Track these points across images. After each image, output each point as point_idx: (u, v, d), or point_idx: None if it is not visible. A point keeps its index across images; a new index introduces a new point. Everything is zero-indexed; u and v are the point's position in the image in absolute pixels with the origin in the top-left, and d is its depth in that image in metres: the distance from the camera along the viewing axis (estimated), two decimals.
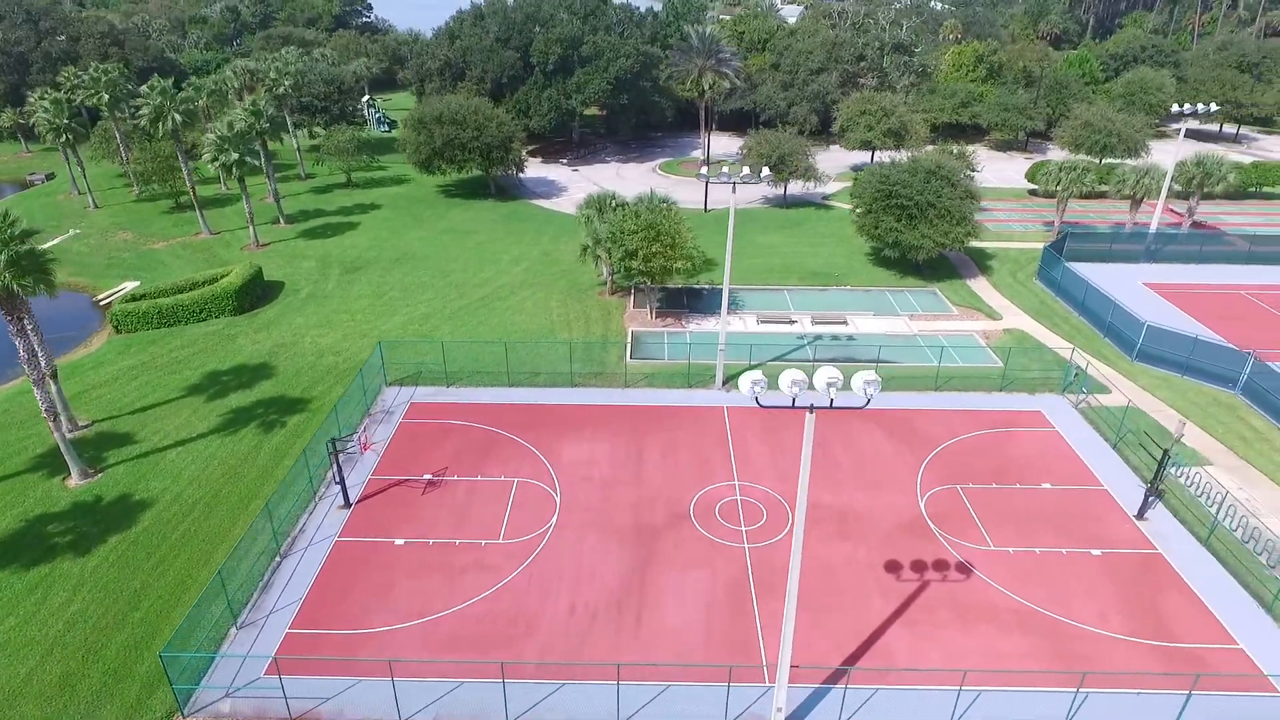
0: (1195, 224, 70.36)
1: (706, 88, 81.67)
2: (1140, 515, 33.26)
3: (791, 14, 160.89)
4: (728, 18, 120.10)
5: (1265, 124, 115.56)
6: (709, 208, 73.48)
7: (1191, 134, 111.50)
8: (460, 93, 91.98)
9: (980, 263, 60.94)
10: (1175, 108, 59.67)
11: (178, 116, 60.16)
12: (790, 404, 19.24)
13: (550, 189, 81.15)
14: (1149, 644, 27.12)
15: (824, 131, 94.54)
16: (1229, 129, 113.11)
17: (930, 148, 74.77)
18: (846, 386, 19.40)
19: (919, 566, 30.51)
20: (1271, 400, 40.40)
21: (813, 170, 70.67)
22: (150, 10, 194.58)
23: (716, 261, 60.81)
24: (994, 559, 30.92)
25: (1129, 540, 31.96)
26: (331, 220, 69.12)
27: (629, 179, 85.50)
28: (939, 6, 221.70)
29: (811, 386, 19.17)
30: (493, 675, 25.18)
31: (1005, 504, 34.05)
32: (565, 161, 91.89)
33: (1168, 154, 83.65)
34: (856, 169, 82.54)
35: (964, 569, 30.40)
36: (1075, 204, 74.52)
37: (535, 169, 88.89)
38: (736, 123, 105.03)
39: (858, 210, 57.52)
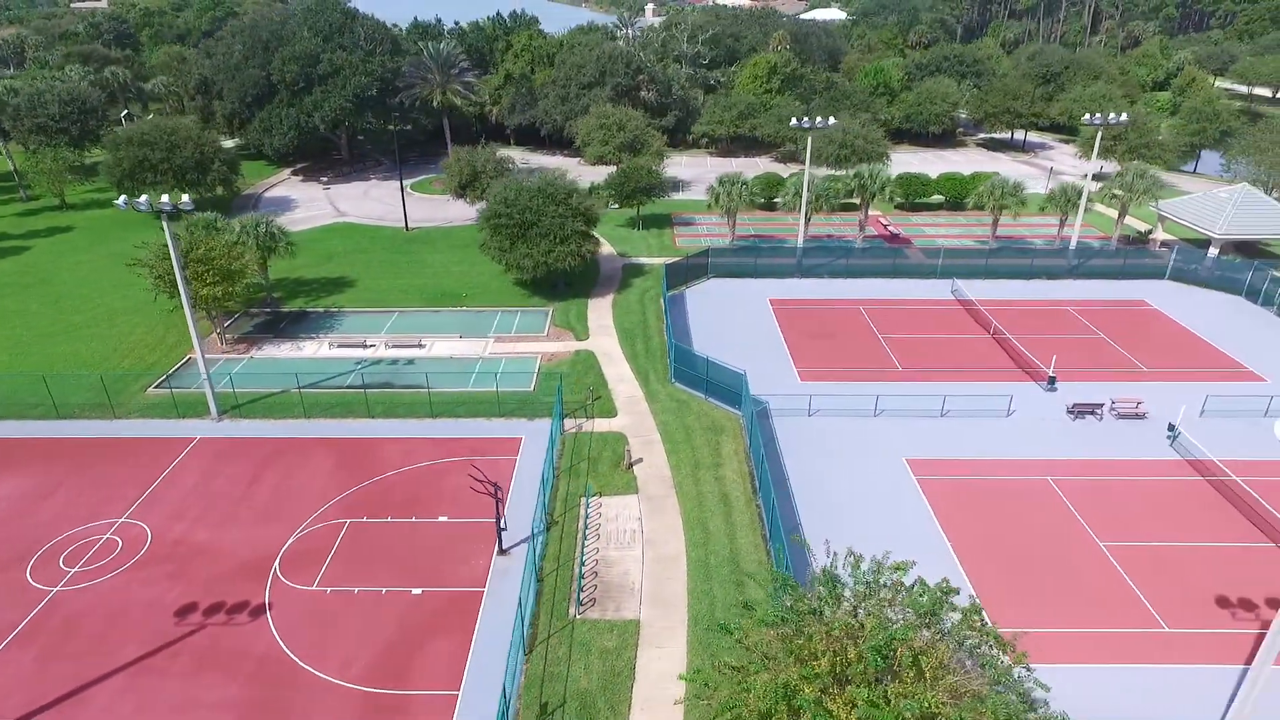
0: (894, 236, 69.98)
1: (435, 102, 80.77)
2: (502, 551, 32.30)
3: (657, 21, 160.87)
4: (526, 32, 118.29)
5: (1073, 132, 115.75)
6: (410, 227, 72.58)
7: (986, 143, 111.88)
8: (218, 111, 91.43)
9: (628, 279, 60.14)
10: (806, 122, 58.95)
11: None
12: None
13: (279, 208, 79.94)
14: (364, 691, 26.09)
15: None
16: (1033, 137, 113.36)
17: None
18: None
19: (216, 609, 29.40)
20: (751, 422, 39.64)
21: None
22: (62, 24, 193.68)
23: (356, 282, 59.98)
24: (304, 600, 29.85)
25: (467, 579, 30.95)
26: (7, 244, 67.76)
27: (373, 198, 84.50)
28: (842, 16, 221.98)
29: None
30: None
31: (381, 539, 33.04)
32: (324, 180, 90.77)
33: (950, 163, 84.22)
34: None
35: (258, 611, 29.31)
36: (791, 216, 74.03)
37: (287, 187, 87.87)
38: (526, 138, 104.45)
39: (481, 231, 56.62)
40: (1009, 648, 19.00)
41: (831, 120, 61.51)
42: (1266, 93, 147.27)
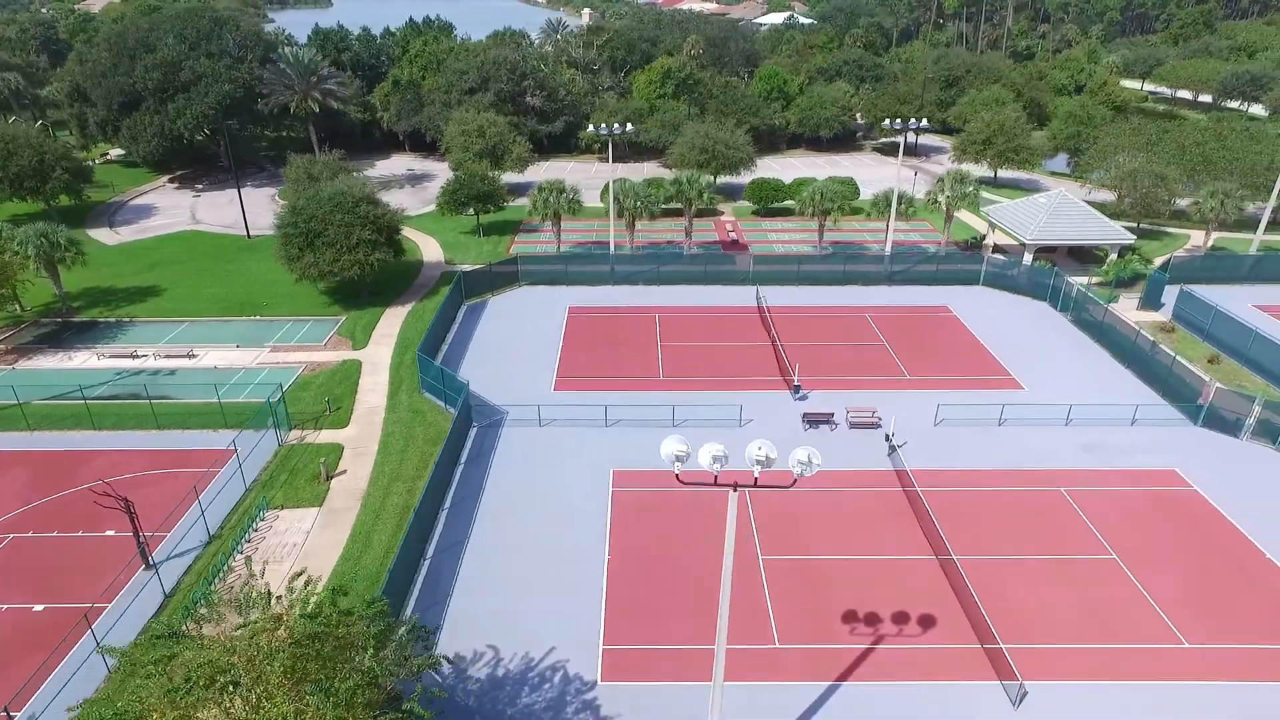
0: (733, 243, 69.69)
1: (292, 109, 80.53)
2: (148, 565, 31.87)
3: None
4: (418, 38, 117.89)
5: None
6: (252, 235, 72.18)
7: (881, 147, 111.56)
8: (90, 117, 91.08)
9: (440, 287, 59.62)
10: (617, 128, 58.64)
11: None
12: None
13: (138, 215, 79.63)
14: None
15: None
16: (936, 141, 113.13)
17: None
18: None
19: None
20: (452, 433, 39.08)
21: None
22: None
23: (166, 291, 59.60)
24: None
25: (97, 595, 30.50)
26: None
27: (238, 205, 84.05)
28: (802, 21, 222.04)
29: None
30: None
31: (36, 554, 32.62)
32: (199, 187, 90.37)
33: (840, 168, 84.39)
34: None
35: None
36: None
37: (158, 195, 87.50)
38: (419, 144, 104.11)
39: (279, 240, 56.20)
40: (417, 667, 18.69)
41: (629, 126, 61.34)
42: (1189, 96, 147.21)
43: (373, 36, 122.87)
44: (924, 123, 61.16)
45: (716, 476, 18.37)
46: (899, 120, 58.76)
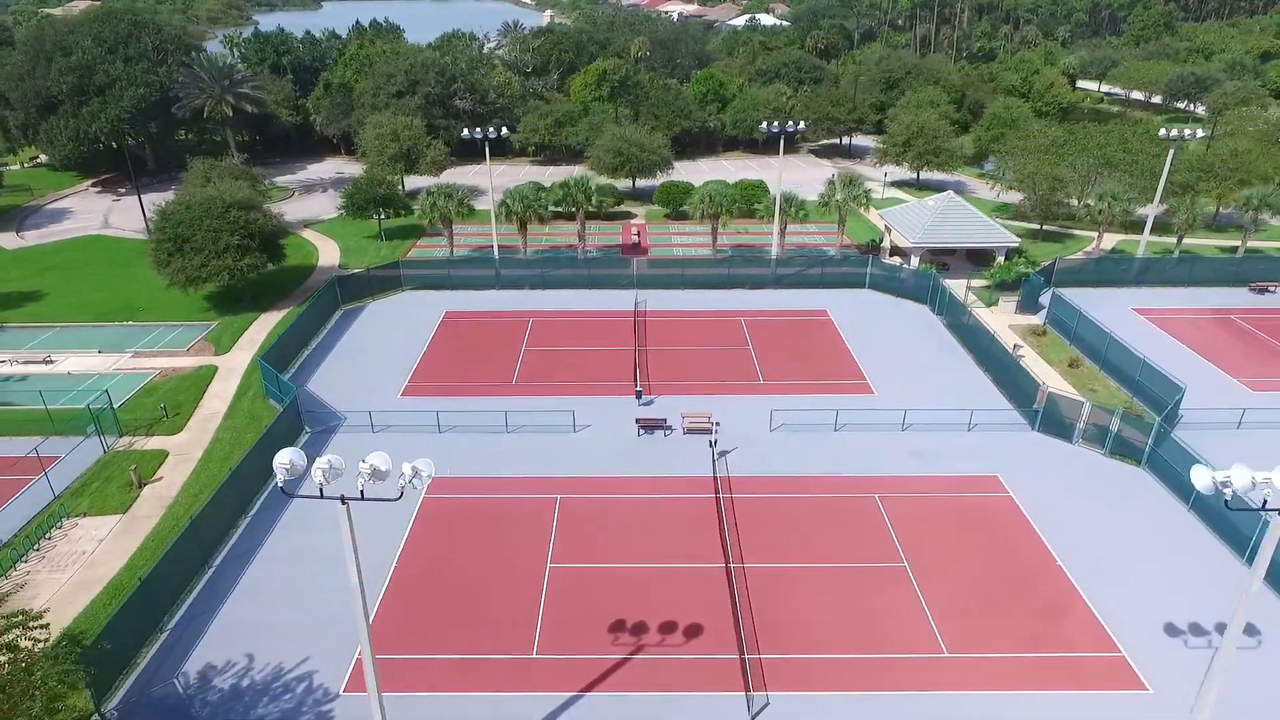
0: (634, 246, 69.42)
1: (206, 113, 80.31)
2: None
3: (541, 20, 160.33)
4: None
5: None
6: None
7: (819, 150, 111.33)
8: (10, 121, 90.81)
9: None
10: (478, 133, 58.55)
11: None
12: None
13: (47, 220, 79.40)
14: None
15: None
16: (873, 143, 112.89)
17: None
18: None
19: None
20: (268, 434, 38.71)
21: None
22: None
23: (49, 296, 59.34)
24: None
25: None
26: None
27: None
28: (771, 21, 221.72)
29: None
30: None
31: None
32: (121, 191, 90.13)
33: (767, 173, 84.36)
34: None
35: None
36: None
37: (78, 199, 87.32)
38: (352, 146, 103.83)
39: (150, 245, 55.93)
40: None
41: (505, 131, 61.27)
42: (1142, 97, 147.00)
43: (317, 39, 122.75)
44: (802, 125, 60.81)
45: (322, 488, 18.03)
46: (768, 124, 58.37)
